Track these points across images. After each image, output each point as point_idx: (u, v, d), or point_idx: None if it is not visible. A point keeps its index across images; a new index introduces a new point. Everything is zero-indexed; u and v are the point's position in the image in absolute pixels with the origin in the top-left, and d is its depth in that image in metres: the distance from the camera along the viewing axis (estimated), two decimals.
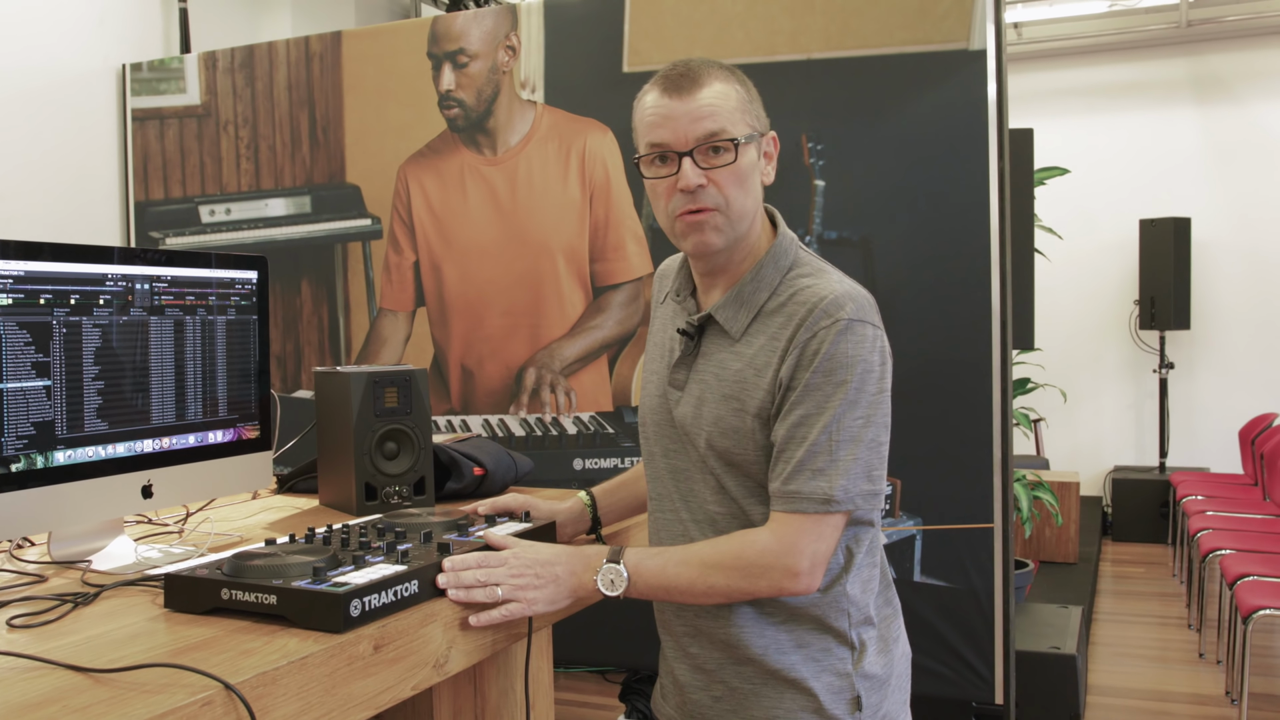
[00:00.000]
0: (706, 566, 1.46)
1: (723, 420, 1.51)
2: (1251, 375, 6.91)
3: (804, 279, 1.52)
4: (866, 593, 1.56)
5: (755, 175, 1.53)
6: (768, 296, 1.53)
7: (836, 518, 1.44)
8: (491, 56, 3.58)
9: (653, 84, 1.52)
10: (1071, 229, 6.42)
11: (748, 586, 1.45)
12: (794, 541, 1.43)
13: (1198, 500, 5.44)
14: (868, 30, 3.11)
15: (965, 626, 3.02)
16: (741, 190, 1.50)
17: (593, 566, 1.47)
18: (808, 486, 1.42)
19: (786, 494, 1.44)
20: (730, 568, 1.45)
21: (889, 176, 3.09)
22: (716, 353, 1.55)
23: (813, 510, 1.43)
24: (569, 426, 3.51)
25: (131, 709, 1.01)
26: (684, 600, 1.51)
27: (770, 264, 1.55)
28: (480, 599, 1.41)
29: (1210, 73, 7.00)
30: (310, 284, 3.92)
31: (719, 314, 1.55)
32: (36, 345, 1.53)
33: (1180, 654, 4.65)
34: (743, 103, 1.51)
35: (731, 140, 1.47)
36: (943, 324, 3.03)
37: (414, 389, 2.03)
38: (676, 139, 1.48)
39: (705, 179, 1.48)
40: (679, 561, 1.47)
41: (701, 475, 1.55)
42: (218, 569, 1.37)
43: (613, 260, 3.46)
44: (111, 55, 4.20)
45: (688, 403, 1.56)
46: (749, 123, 1.51)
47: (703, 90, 1.48)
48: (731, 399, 1.51)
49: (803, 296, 1.49)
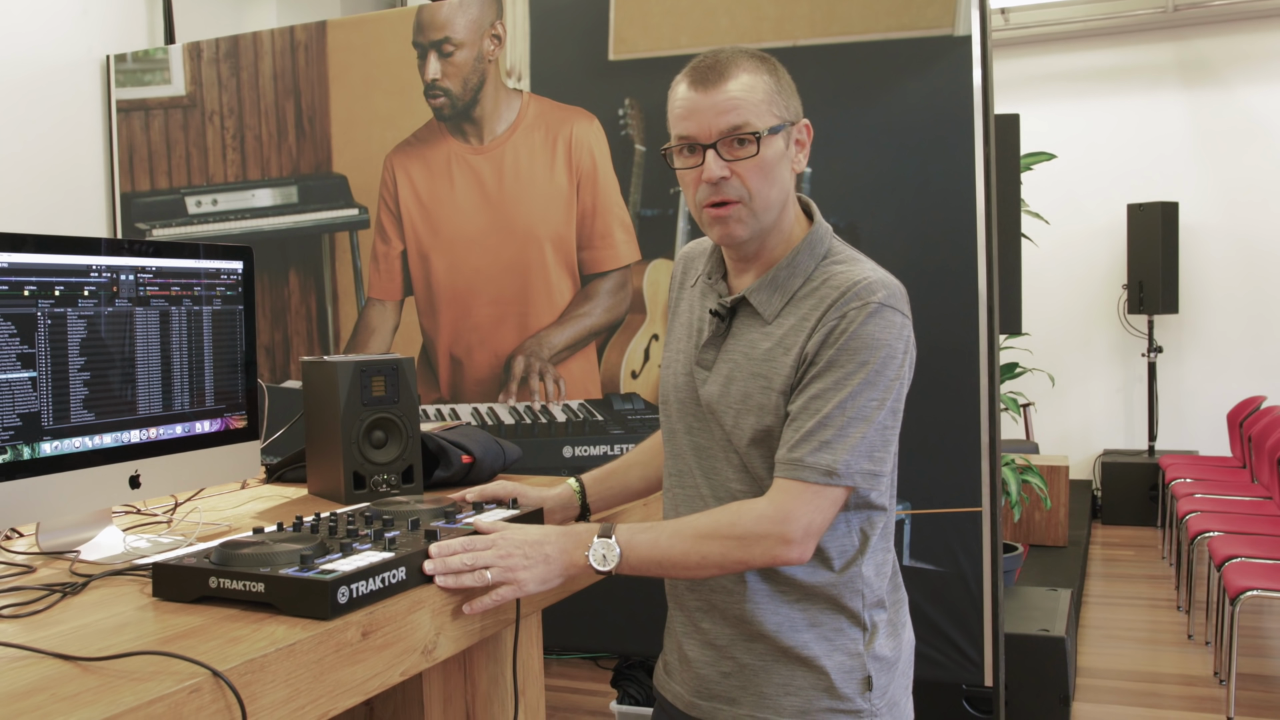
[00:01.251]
0: (700, 537, 1.46)
1: (751, 398, 1.52)
2: (1239, 358, 6.95)
3: (838, 265, 1.55)
4: (880, 576, 1.59)
5: (782, 165, 1.54)
6: (802, 282, 1.55)
7: (835, 491, 1.46)
8: (477, 45, 3.58)
9: (683, 75, 1.54)
10: (1059, 214, 6.43)
11: (742, 555, 1.46)
12: (791, 509, 1.44)
13: (1186, 483, 5.47)
14: (853, 16, 3.11)
15: (954, 610, 3.04)
16: (766, 182, 1.51)
17: (583, 543, 1.47)
18: (812, 457, 1.44)
19: (791, 461, 1.45)
20: (725, 536, 1.45)
21: (875, 163, 3.09)
22: (747, 333, 1.57)
23: (813, 480, 1.44)
24: (558, 414, 3.51)
25: (120, 696, 1.02)
26: (677, 574, 1.51)
27: (806, 250, 1.57)
28: (470, 584, 1.41)
29: (1197, 57, 7.01)
30: (298, 274, 3.91)
31: (753, 296, 1.57)
32: (21, 337, 1.53)
33: (1169, 635, 4.68)
34: (770, 93, 1.52)
35: (754, 134, 1.49)
36: (930, 309, 3.03)
37: (401, 378, 2.03)
38: (701, 131, 1.50)
39: (729, 171, 1.49)
40: (671, 534, 1.48)
41: (725, 454, 1.57)
42: (206, 558, 1.37)
43: (600, 248, 3.46)
44: (95, 46, 4.19)
45: (715, 381, 1.58)
46: (776, 113, 1.52)
47: (729, 83, 1.49)
48: (760, 376, 1.53)
49: (836, 280, 1.52)
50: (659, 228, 3.37)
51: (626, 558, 1.47)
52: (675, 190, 3.34)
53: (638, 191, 3.40)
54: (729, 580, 1.57)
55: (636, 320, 3.42)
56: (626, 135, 3.40)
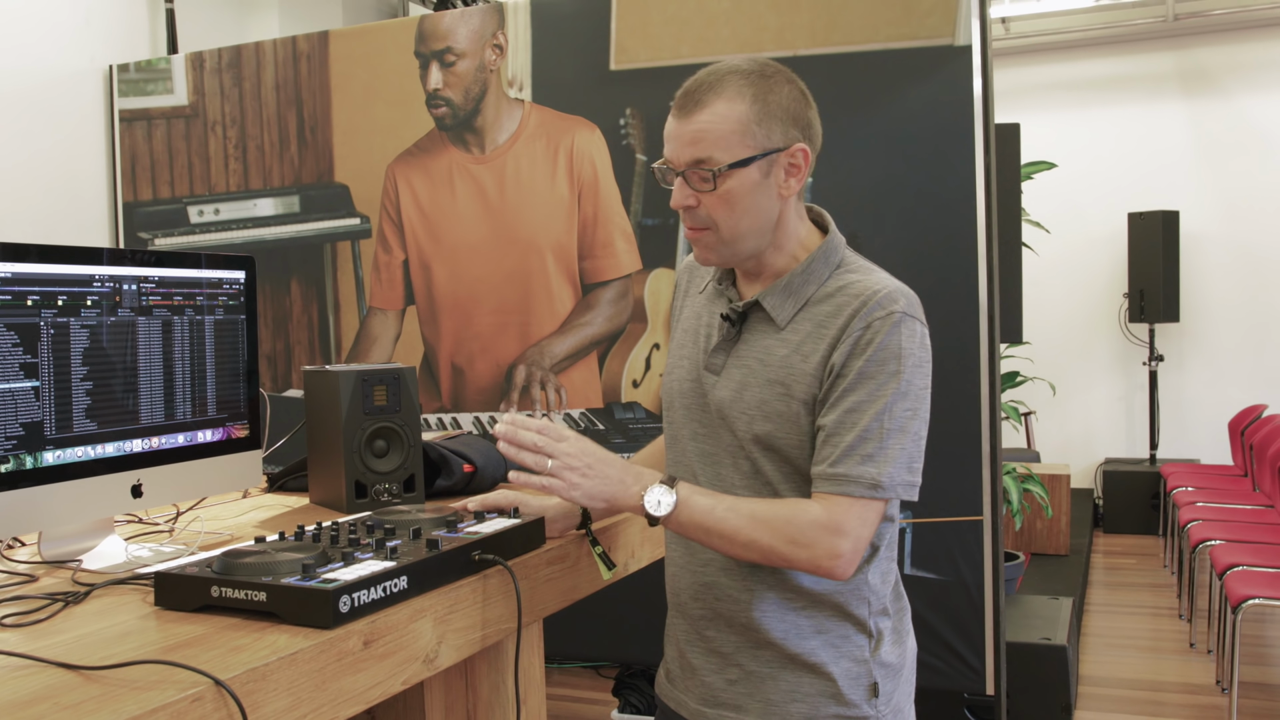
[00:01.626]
0: (755, 520, 1.46)
1: (767, 405, 1.52)
2: (1241, 367, 6.95)
3: (852, 274, 1.55)
4: (885, 584, 1.60)
5: (757, 195, 1.51)
6: (816, 289, 1.55)
7: (879, 505, 1.47)
8: (479, 55, 3.59)
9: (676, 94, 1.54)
10: (1060, 223, 6.44)
11: (788, 553, 1.45)
12: (841, 522, 1.44)
13: (1188, 491, 5.46)
14: (853, 26, 3.12)
15: (956, 618, 3.04)
16: (732, 214, 1.50)
17: (644, 482, 1.49)
18: (856, 470, 1.44)
19: (834, 476, 1.45)
20: (779, 530, 1.45)
21: (876, 172, 3.10)
22: (760, 339, 1.57)
23: (859, 494, 1.44)
24: (559, 423, 3.51)
25: (122, 705, 1.02)
26: (718, 546, 1.50)
27: (821, 259, 1.57)
28: (528, 463, 1.44)
29: (1197, 66, 7.02)
30: (300, 283, 3.92)
31: (766, 301, 1.56)
32: (24, 346, 1.53)
33: (1171, 644, 4.68)
34: (744, 124, 1.48)
35: (712, 170, 1.48)
36: (931, 318, 3.00)
37: (403, 387, 2.03)
38: (674, 157, 1.52)
39: (696, 200, 1.50)
40: (728, 507, 1.48)
41: (733, 460, 1.56)
42: (208, 567, 1.38)
43: (601, 257, 3.46)
44: (98, 56, 4.20)
45: (727, 387, 1.57)
46: (750, 144, 1.49)
47: (701, 113, 1.48)
48: (777, 384, 1.52)
49: (854, 289, 1.52)
50: (660, 237, 3.38)
51: (679, 511, 1.47)
52: None
53: (639, 201, 3.40)
54: (735, 588, 1.57)
55: (638, 329, 3.43)
56: (628, 145, 3.41)
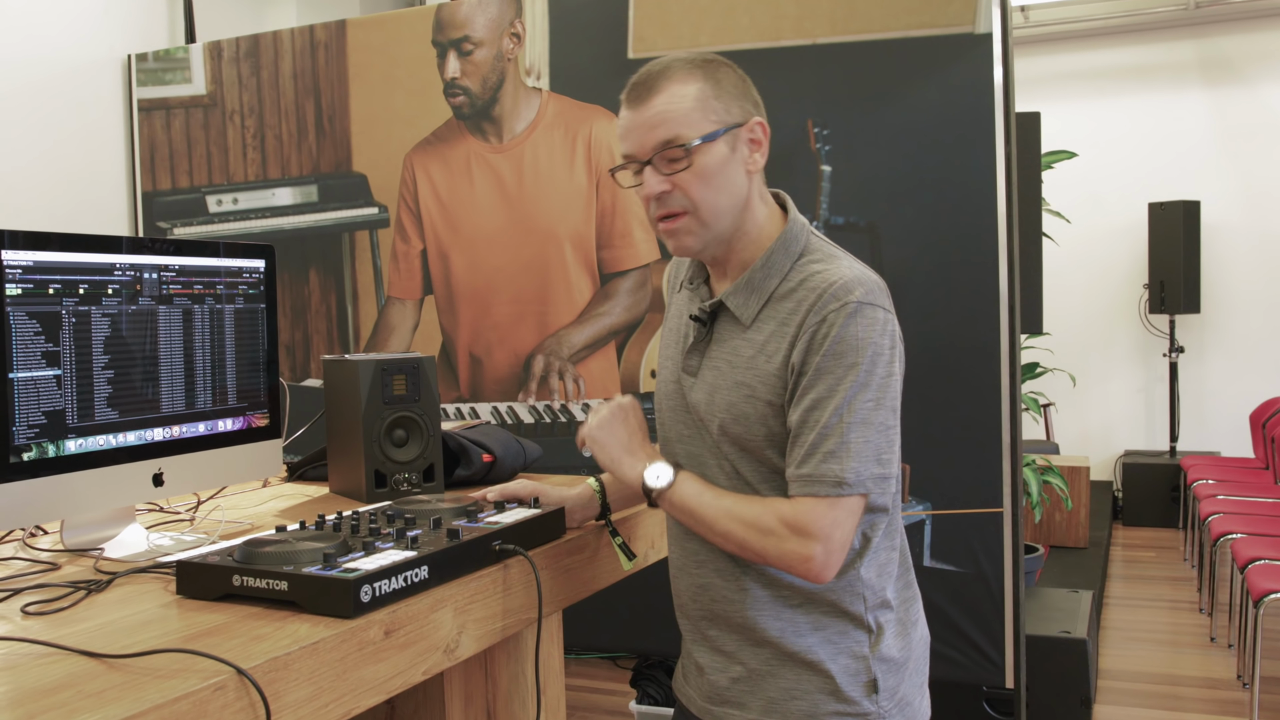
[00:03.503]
0: (731, 514, 1.49)
1: (735, 406, 1.51)
2: (1262, 358, 6.89)
3: (815, 264, 1.52)
4: (883, 576, 1.56)
5: (729, 170, 1.50)
6: (778, 282, 1.53)
7: (851, 501, 1.44)
8: (496, 44, 3.58)
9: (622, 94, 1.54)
10: (1080, 213, 6.39)
11: (760, 548, 1.47)
12: (807, 524, 1.42)
13: (1208, 484, 5.43)
14: (873, 14, 3.10)
15: (975, 611, 3.02)
16: (709, 189, 1.49)
17: (650, 457, 1.58)
18: (820, 469, 1.42)
19: (801, 478, 1.44)
20: (750, 525, 1.46)
21: (896, 161, 3.08)
22: (729, 339, 1.56)
23: (825, 493, 1.42)
24: (577, 413, 3.51)
25: (145, 693, 1.02)
26: (701, 533, 1.54)
27: (781, 250, 1.54)
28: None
29: (1218, 55, 6.96)
30: (318, 273, 3.92)
31: (730, 300, 1.55)
32: (46, 335, 1.54)
33: (1191, 638, 4.65)
34: (701, 101, 1.48)
35: (683, 145, 1.47)
36: (951, 309, 3.03)
37: (422, 376, 2.03)
38: (637, 149, 1.50)
39: (669, 184, 1.49)
40: (715, 496, 1.52)
41: (716, 460, 1.56)
42: (229, 556, 1.38)
43: (620, 247, 3.45)
44: (117, 46, 4.21)
45: (701, 389, 1.57)
46: (713, 119, 1.49)
47: (656, 98, 1.48)
48: (743, 385, 1.51)
49: (813, 282, 1.49)
50: None
51: (672, 491, 1.53)
52: None
53: None
54: (729, 588, 1.57)
55: (656, 319, 3.42)
56: None
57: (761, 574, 1.54)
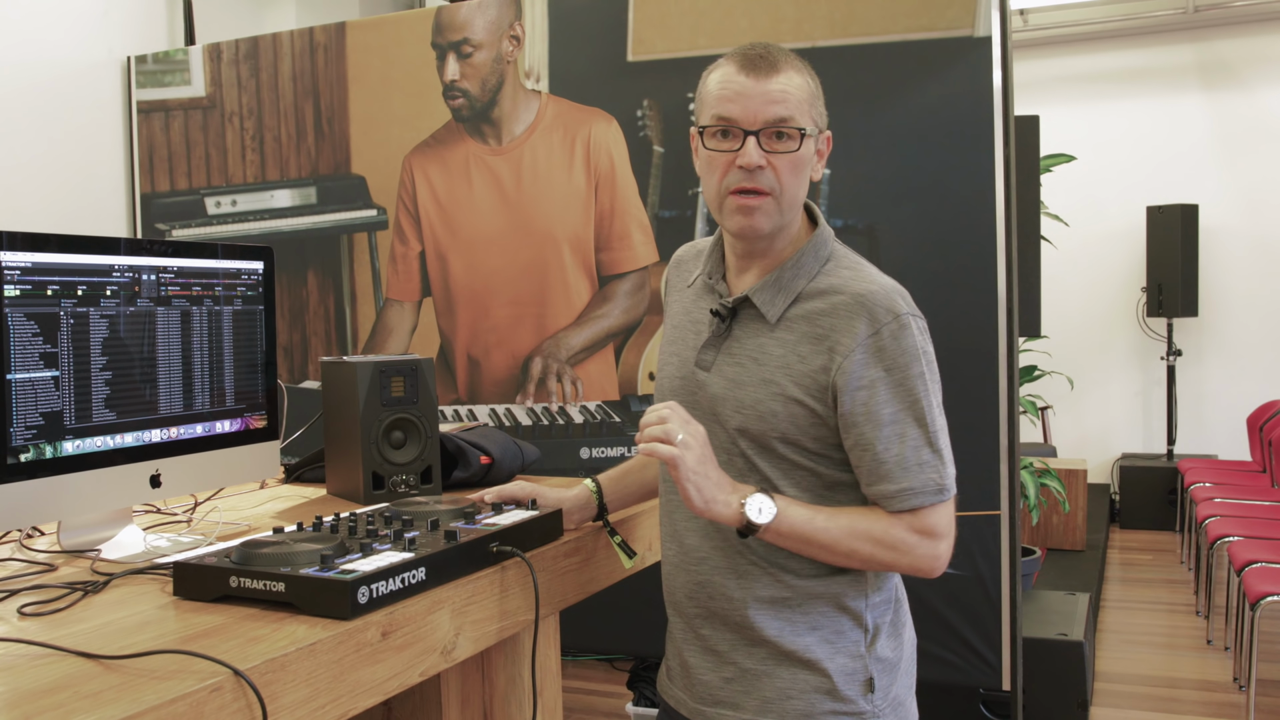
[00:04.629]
0: (854, 533, 1.48)
1: (762, 404, 1.51)
2: (1260, 362, 6.90)
3: (844, 270, 1.55)
4: (880, 576, 1.59)
5: (809, 169, 1.55)
6: (805, 284, 1.55)
7: (951, 501, 1.52)
8: (496, 46, 3.58)
9: (728, 59, 1.53)
10: (1079, 216, 6.40)
11: (888, 560, 1.50)
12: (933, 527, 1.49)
13: (1205, 487, 5.43)
14: (872, 17, 3.11)
15: (972, 613, 3.03)
16: (796, 180, 1.52)
17: (743, 491, 1.48)
18: (919, 480, 1.48)
19: (902, 493, 1.48)
20: (878, 541, 1.48)
21: (894, 165, 3.08)
22: (753, 336, 1.56)
23: (930, 502, 1.49)
24: (575, 415, 3.51)
25: (141, 695, 1.02)
26: (815, 554, 1.51)
27: (811, 253, 1.57)
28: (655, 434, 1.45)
29: (1217, 59, 6.97)
30: (316, 275, 3.92)
31: (756, 297, 1.56)
32: (44, 336, 1.54)
33: (1188, 640, 4.65)
34: (811, 97, 1.53)
35: (799, 129, 1.50)
36: (949, 312, 3.03)
37: (420, 378, 2.04)
38: (746, 117, 1.49)
39: (766, 161, 1.49)
40: (827, 517, 1.49)
41: (727, 458, 1.55)
42: (226, 557, 1.38)
43: (618, 249, 3.46)
44: (116, 48, 4.21)
45: (718, 384, 1.57)
46: (813, 118, 1.53)
47: (779, 75, 1.50)
48: (771, 383, 1.51)
49: (849, 290, 1.52)
50: (677, 229, 3.37)
51: (779, 521, 1.46)
52: (693, 191, 3.34)
53: (656, 193, 3.40)
54: (730, 588, 1.57)
55: (654, 322, 3.42)
56: (645, 136, 3.40)
57: (764, 574, 1.55)
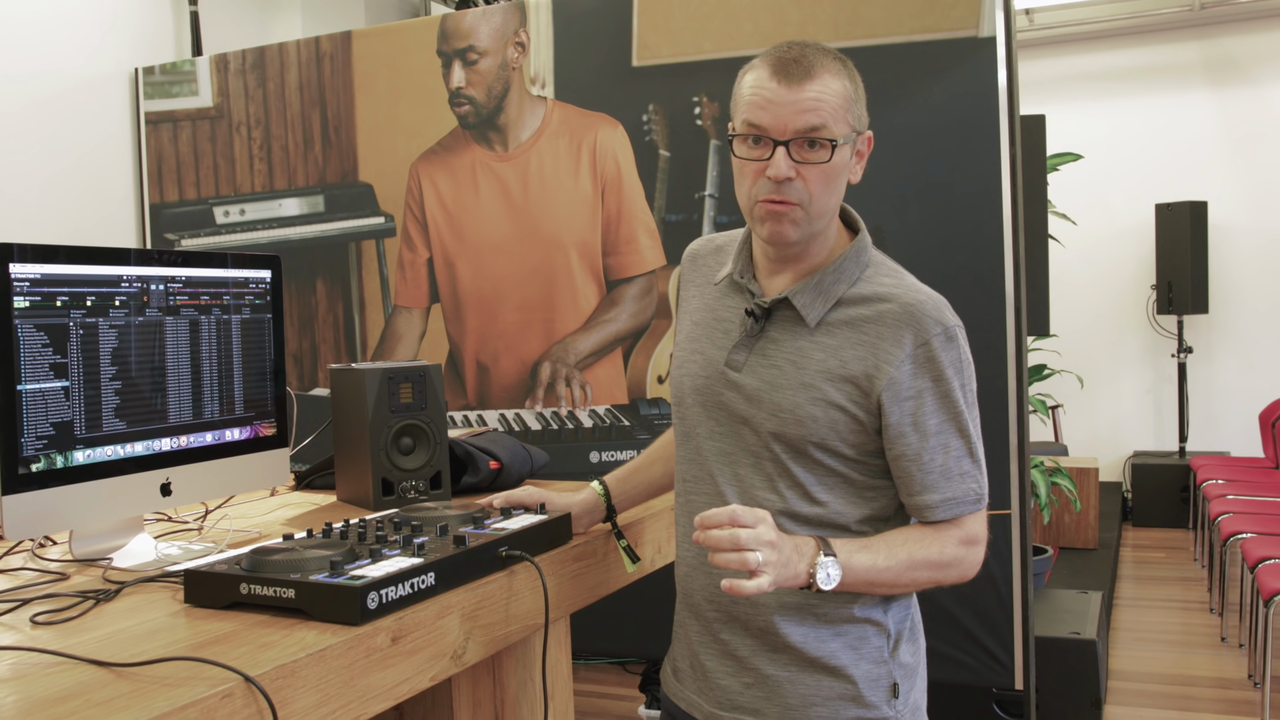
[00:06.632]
0: (914, 565, 1.49)
1: (801, 408, 1.49)
2: (1271, 358, 6.87)
3: (886, 278, 1.55)
4: None
5: (844, 175, 1.50)
6: (846, 289, 1.53)
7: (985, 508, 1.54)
8: (501, 53, 3.59)
9: (763, 61, 1.48)
10: (1087, 215, 6.39)
11: (943, 579, 1.52)
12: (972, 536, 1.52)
13: (1218, 484, 5.41)
14: (876, 19, 3.11)
15: (984, 613, 3.02)
16: (827, 190, 1.48)
17: (810, 559, 1.41)
18: (961, 489, 1.50)
19: (945, 503, 1.50)
20: (934, 564, 1.50)
21: (900, 165, 3.08)
22: (791, 339, 1.53)
23: (969, 511, 1.51)
24: (584, 420, 3.52)
25: (153, 702, 1.03)
26: (881, 593, 1.53)
27: (853, 258, 1.55)
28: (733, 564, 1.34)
29: (1224, 56, 6.95)
30: (325, 283, 3.94)
31: (797, 299, 1.53)
32: (54, 347, 1.55)
33: (1202, 638, 4.64)
34: (848, 101, 1.47)
35: (830, 140, 1.45)
36: (958, 311, 3.01)
37: (428, 384, 2.04)
38: (776, 126, 1.45)
39: (795, 172, 1.45)
40: (886, 557, 1.47)
41: (755, 460, 1.53)
42: (236, 564, 1.38)
43: (625, 254, 3.46)
44: (124, 59, 4.23)
45: (751, 385, 1.53)
46: (850, 122, 1.48)
47: (813, 82, 1.44)
48: (811, 388, 1.49)
49: (895, 299, 1.51)
50: (684, 233, 3.37)
51: (847, 583, 1.44)
52: (700, 195, 3.34)
53: (662, 197, 3.40)
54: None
55: (662, 325, 3.42)
56: (651, 141, 3.40)
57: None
